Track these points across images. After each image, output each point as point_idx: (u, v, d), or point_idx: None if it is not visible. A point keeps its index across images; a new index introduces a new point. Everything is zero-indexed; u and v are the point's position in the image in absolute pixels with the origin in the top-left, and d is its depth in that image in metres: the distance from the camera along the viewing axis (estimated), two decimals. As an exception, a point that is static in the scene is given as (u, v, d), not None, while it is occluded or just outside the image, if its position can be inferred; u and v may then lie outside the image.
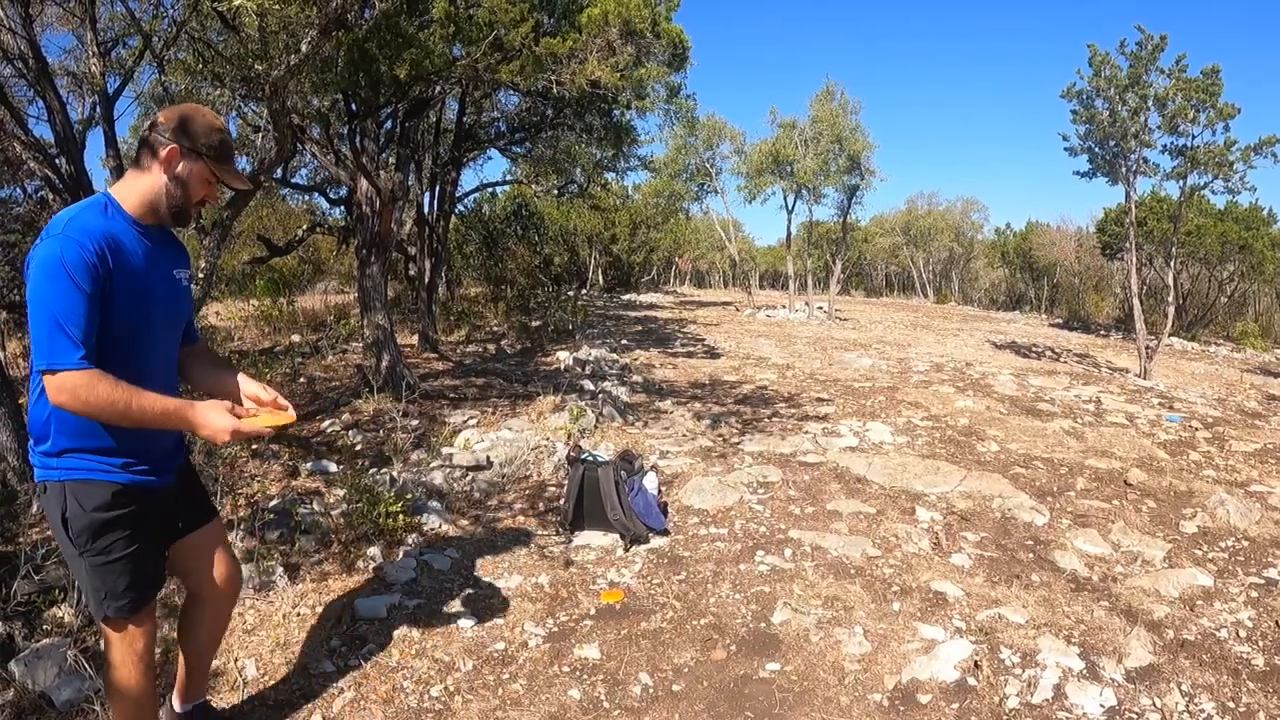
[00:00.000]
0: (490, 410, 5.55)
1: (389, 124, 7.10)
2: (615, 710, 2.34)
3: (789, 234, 17.12)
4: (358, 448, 4.61)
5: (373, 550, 3.18)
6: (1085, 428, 5.97)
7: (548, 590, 3.08)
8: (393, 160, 7.15)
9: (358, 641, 2.61)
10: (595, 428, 5.30)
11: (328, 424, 5.02)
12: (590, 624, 2.84)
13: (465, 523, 3.75)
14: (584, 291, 19.41)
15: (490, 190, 16.98)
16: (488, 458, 4.40)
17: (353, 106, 6.07)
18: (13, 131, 4.78)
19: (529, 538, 3.57)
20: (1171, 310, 10.50)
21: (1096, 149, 9.95)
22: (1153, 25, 11.36)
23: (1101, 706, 2.35)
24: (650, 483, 3.89)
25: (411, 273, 11.66)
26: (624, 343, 10.18)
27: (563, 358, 8.02)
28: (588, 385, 6.53)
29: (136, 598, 1.73)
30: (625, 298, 20.30)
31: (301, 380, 6.21)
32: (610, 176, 13.07)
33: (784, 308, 16.54)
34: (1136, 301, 10.14)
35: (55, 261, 1.52)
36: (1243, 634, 2.81)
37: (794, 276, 17.99)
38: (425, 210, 9.63)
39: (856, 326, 14.05)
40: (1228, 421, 6.50)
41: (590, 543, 3.55)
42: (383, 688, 2.38)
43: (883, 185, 43.52)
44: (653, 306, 17.29)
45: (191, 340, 1.96)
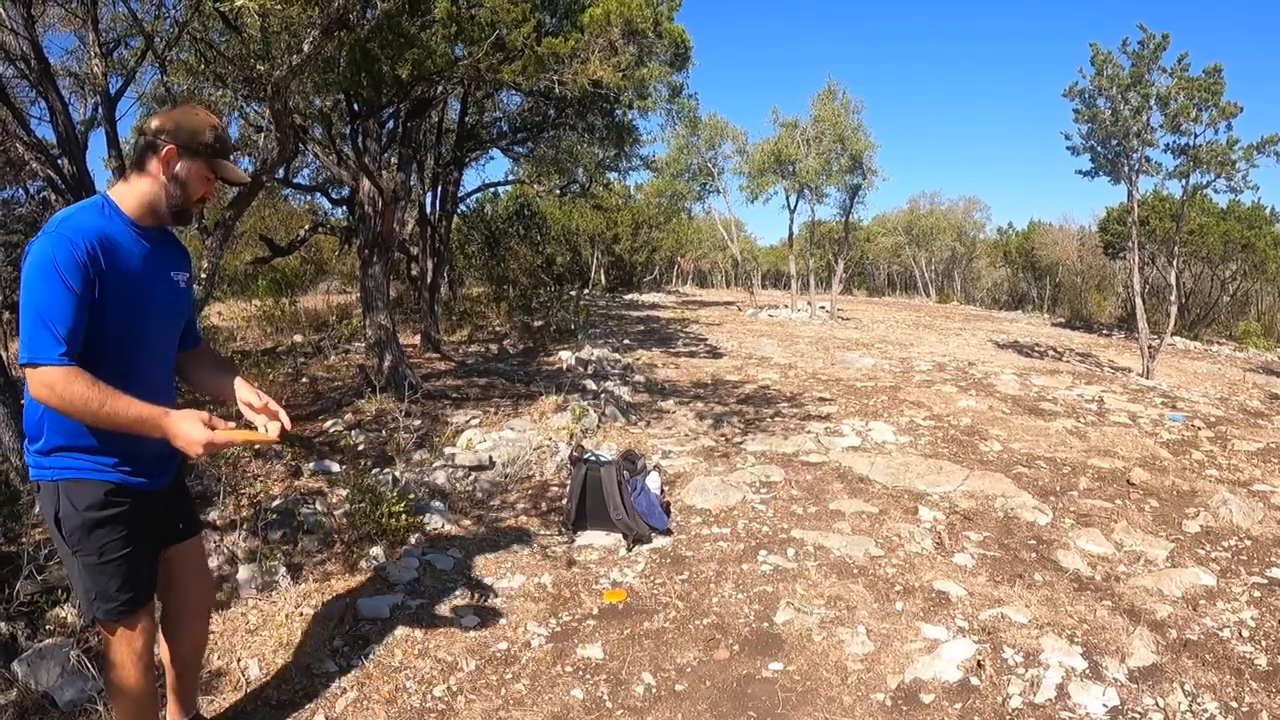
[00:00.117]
0: (493, 410, 5.55)
1: (391, 124, 7.11)
2: (618, 710, 2.34)
3: (791, 234, 17.12)
4: (360, 448, 4.61)
5: (375, 550, 3.19)
6: (1088, 427, 5.96)
7: (550, 590, 3.09)
8: (395, 160, 7.16)
9: (360, 641, 2.61)
10: (598, 427, 5.31)
11: (330, 424, 5.02)
12: (593, 624, 2.84)
13: (468, 523, 3.75)
14: (586, 291, 19.39)
15: (492, 190, 17.04)
16: (490, 458, 4.40)
17: (355, 107, 6.07)
18: (15, 132, 4.79)
19: (531, 537, 3.58)
20: (1174, 309, 10.49)
21: (1099, 148, 9.93)
22: (1155, 24, 11.37)
23: (1104, 706, 2.34)
24: (653, 482, 3.89)
25: (414, 273, 11.70)
26: (626, 342, 10.17)
27: (565, 357, 8.02)
28: (590, 385, 6.53)
29: (129, 600, 1.73)
30: (628, 298, 20.27)
31: (304, 380, 6.22)
32: (612, 176, 13.07)
33: (786, 307, 16.52)
34: (1139, 301, 10.12)
35: (46, 259, 1.53)
36: (1246, 634, 2.81)
37: (796, 276, 17.98)
38: (427, 210, 9.65)
39: (859, 326, 14.03)
40: (1230, 421, 6.49)
41: (593, 542, 3.56)
42: (385, 688, 2.38)
43: (885, 185, 43.56)
44: (655, 306, 17.29)
45: (194, 343, 1.97)
